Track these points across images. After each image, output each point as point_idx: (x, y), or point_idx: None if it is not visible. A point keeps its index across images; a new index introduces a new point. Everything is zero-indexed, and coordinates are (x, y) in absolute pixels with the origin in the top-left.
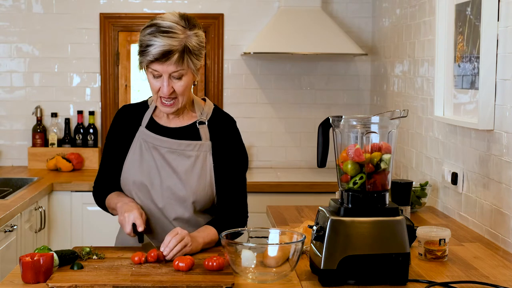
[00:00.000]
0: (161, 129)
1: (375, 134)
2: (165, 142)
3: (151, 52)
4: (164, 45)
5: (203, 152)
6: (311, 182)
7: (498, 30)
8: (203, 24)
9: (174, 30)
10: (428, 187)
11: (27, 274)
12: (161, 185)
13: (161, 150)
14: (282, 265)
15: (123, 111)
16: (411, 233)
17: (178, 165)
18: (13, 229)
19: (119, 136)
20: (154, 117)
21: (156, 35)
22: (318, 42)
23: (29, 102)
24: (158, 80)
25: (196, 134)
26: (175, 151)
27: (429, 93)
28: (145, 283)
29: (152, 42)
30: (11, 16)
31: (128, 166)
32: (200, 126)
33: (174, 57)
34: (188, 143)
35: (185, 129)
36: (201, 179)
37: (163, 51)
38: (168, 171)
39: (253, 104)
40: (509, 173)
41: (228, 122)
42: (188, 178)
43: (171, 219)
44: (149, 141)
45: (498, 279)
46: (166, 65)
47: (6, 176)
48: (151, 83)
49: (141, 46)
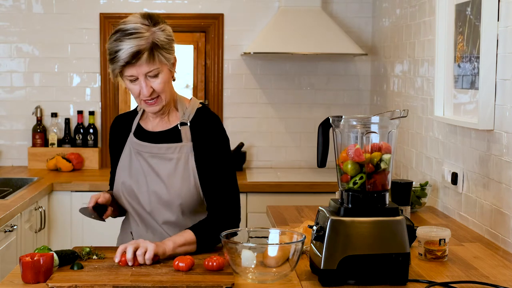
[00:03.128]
0: (146, 134)
1: (375, 134)
2: (146, 147)
3: (121, 57)
4: (131, 47)
5: (184, 154)
6: (311, 182)
7: (498, 30)
8: (203, 24)
9: (138, 31)
10: (428, 187)
11: (27, 274)
12: (148, 190)
13: (144, 155)
14: (282, 265)
15: (115, 122)
16: (411, 233)
17: (160, 169)
18: (13, 229)
19: (114, 147)
20: (141, 123)
21: (122, 39)
22: (318, 42)
23: (29, 102)
24: (136, 84)
25: (177, 135)
26: (156, 155)
27: (429, 93)
28: (145, 283)
29: (119, 47)
30: (11, 16)
31: (119, 173)
32: (181, 127)
33: (144, 56)
34: (168, 146)
35: (169, 132)
36: (185, 181)
37: (131, 53)
38: (153, 176)
39: (253, 104)
40: (509, 173)
41: (210, 122)
42: (172, 181)
43: (160, 222)
44: (134, 147)
45: (498, 279)
46: (138, 67)
47: (6, 176)
48: (130, 89)
49: (110, 54)
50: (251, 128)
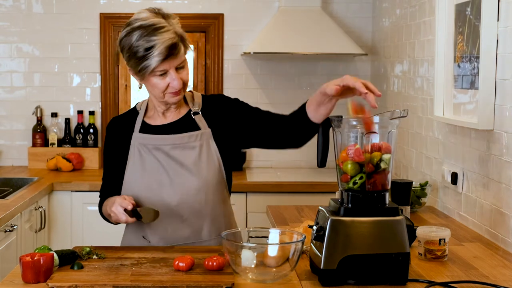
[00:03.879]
0: (157, 129)
1: (375, 134)
2: (166, 139)
3: (156, 52)
4: (166, 40)
5: (205, 140)
6: (311, 182)
7: (498, 30)
8: (203, 24)
9: (163, 25)
10: (428, 187)
11: (27, 274)
12: (171, 184)
13: (164, 148)
14: (282, 265)
15: (113, 123)
16: (411, 233)
17: (185, 159)
18: (13, 229)
19: (114, 148)
20: (146, 120)
21: (151, 34)
22: (318, 42)
23: (29, 102)
24: (163, 78)
25: (193, 125)
26: (178, 146)
27: (429, 93)
28: (145, 283)
29: (151, 42)
30: (11, 16)
31: (130, 174)
32: (195, 117)
33: (180, 48)
34: (190, 135)
35: (180, 122)
36: (210, 166)
37: (169, 46)
38: (176, 168)
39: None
40: (509, 173)
41: (218, 102)
42: (198, 168)
43: (186, 215)
44: (148, 143)
45: (498, 279)
46: (172, 60)
47: (6, 176)
48: (157, 85)
49: (137, 52)
50: None
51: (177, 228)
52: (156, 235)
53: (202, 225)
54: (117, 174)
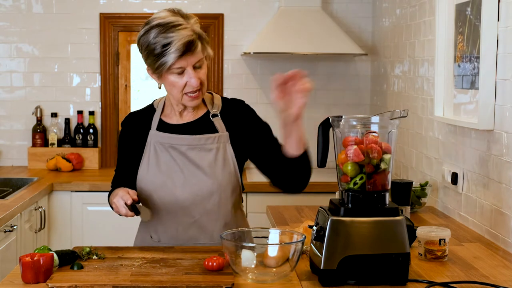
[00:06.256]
0: (174, 128)
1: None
2: (184, 140)
3: (174, 49)
4: (184, 37)
5: (222, 143)
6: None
7: (498, 30)
8: (203, 24)
9: (180, 22)
10: (428, 187)
11: (27, 274)
12: (185, 183)
13: (181, 148)
14: (282, 265)
15: (130, 118)
16: (411, 233)
17: (200, 160)
18: (13, 229)
19: (129, 144)
20: (163, 118)
21: (169, 31)
22: (318, 42)
23: (29, 102)
24: (181, 77)
25: (211, 126)
26: (195, 147)
27: (429, 93)
28: (145, 283)
29: (169, 39)
30: (11, 16)
31: (144, 171)
32: (214, 119)
33: (198, 45)
34: (207, 137)
35: (198, 123)
36: (226, 169)
37: (186, 42)
38: (191, 168)
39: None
40: (509, 173)
41: (238, 108)
42: (213, 171)
43: (197, 216)
44: (165, 142)
45: (498, 279)
46: (189, 57)
47: (6, 176)
48: (174, 83)
49: (154, 49)
50: None
51: (187, 228)
52: (166, 234)
53: (214, 227)
54: (130, 169)
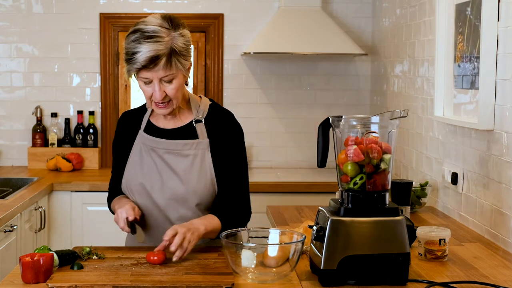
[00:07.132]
0: (159, 131)
1: (375, 134)
2: (161, 143)
3: (138, 60)
4: (149, 51)
5: (201, 150)
6: (311, 182)
7: (498, 30)
8: (203, 24)
9: (158, 34)
10: (428, 187)
11: (27, 274)
12: (162, 186)
13: (159, 152)
14: (282, 265)
15: (123, 118)
16: (411, 233)
17: (176, 165)
18: (13, 229)
19: (122, 143)
20: (151, 119)
21: (141, 41)
22: (318, 42)
23: (29, 102)
24: (149, 86)
25: (194, 133)
26: (172, 152)
27: (429, 93)
28: (145, 283)
29: (138, 49)
30: (11, 16)
31: (129, 169)
32: (196, 125)
33: (161, 62)
34: (185, 143)
35: (183, 129)
36: (201, 177)
37: (149, 57)
38: (168, 172)
39: (253, 104)
40: (509, 173)
41: (225, 118)
42: (188, 177)
43: (174, 219)
44: (147, 144)
45: (498, 279)
46: (154, 71)
47: (6, 176)
48: (143, 90)
49: (127, 54)
50: (251, 128)
51: (166, 229)
52: (148, 236)
53: None
54: (121, 169)
